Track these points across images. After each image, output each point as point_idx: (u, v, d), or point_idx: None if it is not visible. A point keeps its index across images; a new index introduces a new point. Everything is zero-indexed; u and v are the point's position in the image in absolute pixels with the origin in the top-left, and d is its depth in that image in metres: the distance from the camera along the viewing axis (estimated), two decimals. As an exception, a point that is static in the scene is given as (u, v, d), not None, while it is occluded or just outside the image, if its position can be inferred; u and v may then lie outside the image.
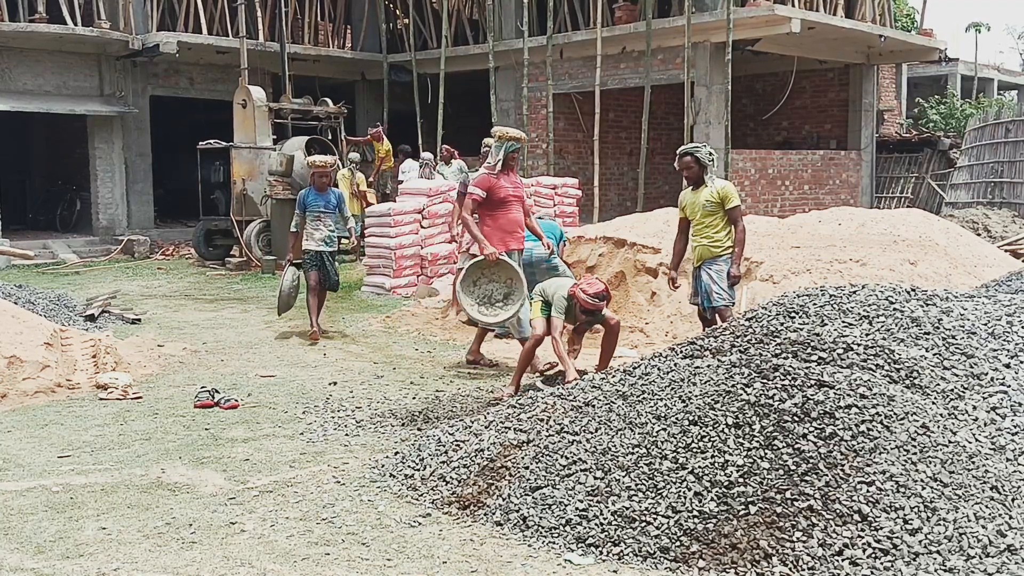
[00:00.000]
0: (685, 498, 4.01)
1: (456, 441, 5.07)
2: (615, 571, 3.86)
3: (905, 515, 3.74)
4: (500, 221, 7.79)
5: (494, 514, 4.38)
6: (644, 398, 4.70)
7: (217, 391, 6.91)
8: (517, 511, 4.32)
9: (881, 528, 3.70)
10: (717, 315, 7.18)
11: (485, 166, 8.01)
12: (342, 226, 9.68)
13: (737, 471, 4.02)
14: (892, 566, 3.59)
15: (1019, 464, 4.21)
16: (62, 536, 4.34)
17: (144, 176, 19.27)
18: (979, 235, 13.98)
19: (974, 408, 4.54)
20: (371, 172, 16.51)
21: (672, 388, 4.69)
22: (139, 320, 10.36)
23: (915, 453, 4.01)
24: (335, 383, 7.46)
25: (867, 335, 5.12)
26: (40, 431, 6.10)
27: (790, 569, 3.65)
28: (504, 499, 4.43)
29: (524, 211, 8.04)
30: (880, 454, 3.98)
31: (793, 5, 16.29)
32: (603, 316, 6.99)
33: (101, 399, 6.92)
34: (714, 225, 7.14)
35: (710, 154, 7.21)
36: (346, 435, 5.98)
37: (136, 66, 18.76)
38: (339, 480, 5.04)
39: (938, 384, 4.68)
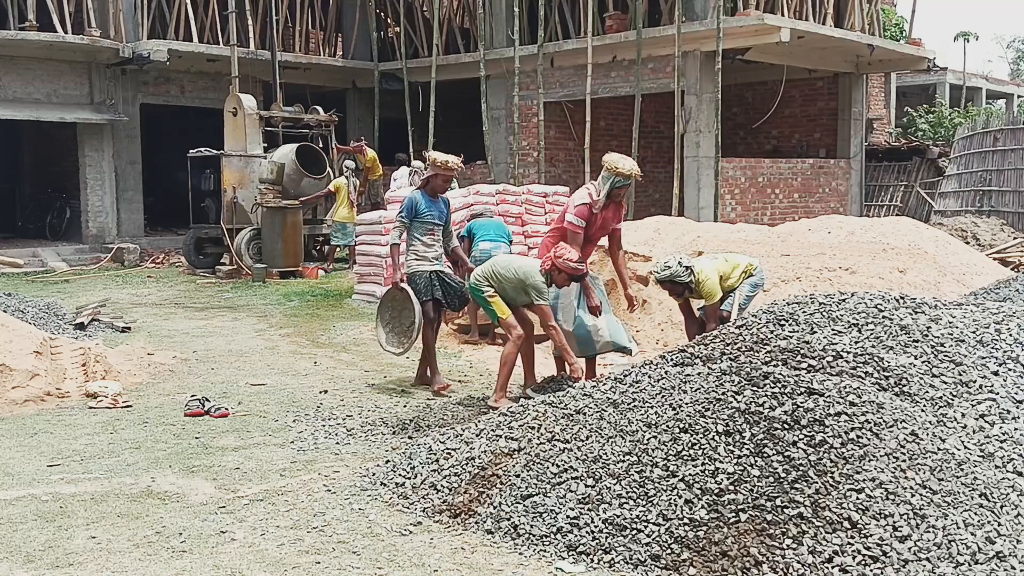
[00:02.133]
0: (676, 505, 4.01)
1: (447, 449, 5.07)
2: (606, 579, 3.87)
3: (895, 522, 3.76)
4: None
5: (485, 522, 4.38)
6: (635, 406, 4.72)
7: (207, 399, 6.89)
8: (508, 519, 4.32)
9: (871, 535, 3.72)
10: (705, 316, 7.25)
11: (591, 194, 7.12)
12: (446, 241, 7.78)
13: (727, 478, 4.03)
14: (882, 573, 3.60)
15: (1008, 471, 4.23)
16: (52, 545, 4.32)
17: (134, 184, 19.22)
18: (968, 243, 14.04)
19: (963, 415, 4.56)
20: (361, 180, 16.58)
21: (663, 396, 4.70)
22: (129, 328, 10.33)
23: (904, 460, 4.02)
24: (326, 391, 7.45)
25: (856, 343, 5.15)
26: (29, 440, 6.08)
27: (780, 576, 3.66)
28: (495, 507, 4.43)
29: (614, 243, 7.45)
30: (870, 461, 3.99)
31: (783, 14, 16.37)
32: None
33: (91, 408, 6.90)
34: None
35: (686, 269, 7.01)
36: (337, 443, 5.97)
37: (126, 74, 18.74)
38: (330, 488, 5.03)
39: (927, 392, 4.71)
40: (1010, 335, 5.10)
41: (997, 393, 4.67)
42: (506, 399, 6.69)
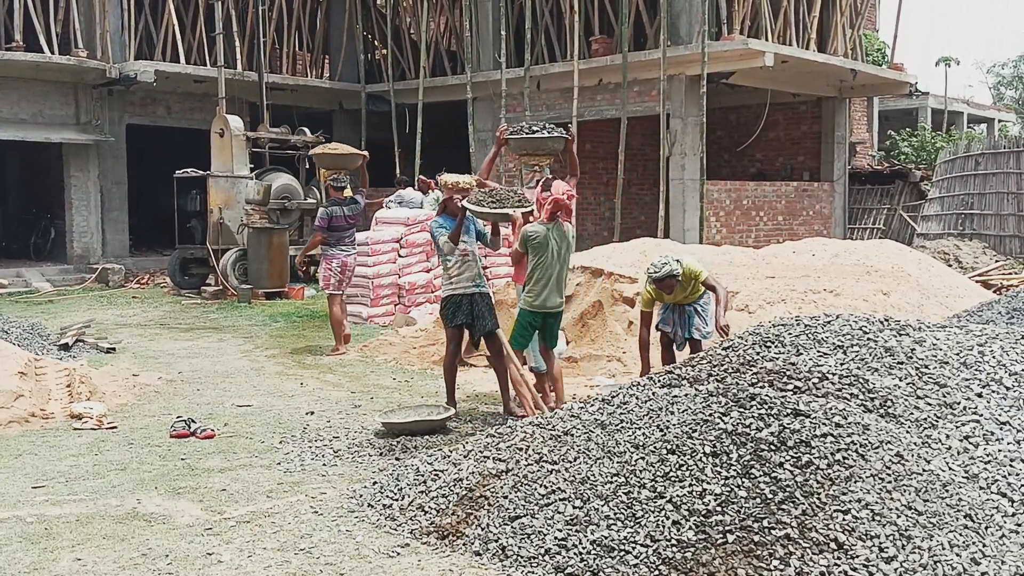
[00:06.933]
0: (663, 527, 4.02)
1: (435, 471, 5.06)
2: (594, 600, 3.87)
3: (881, 543, 3.78)
4: None
5: (473, 544, 4.38)
6: (623, 427, 4.73)
7: (193, 420, 6.86)
8: (496, 541, 4.32)
9: (857, 556, 3.74)
10: (689, 346, 7.26)
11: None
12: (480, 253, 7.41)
13: (715, 500, 4.04)
14: (868, 594, 3.62)
15: (992, 492, 4.26)
16: (37, 567, 4.29)
17: (119, 204, 19.18)
18: (950, 266, 14.16)
19: (947, 437, 4.59)
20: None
21: (650, 417, 4.72)
22: (114, 349, 10.28)
23: (890, 481, 4.05)
24: (312, 413, 7.43)
25: (842, 364, 5.18)
26: (14, 461, 6.04)
27: (768, 597, 3.67)
28: (483, 529, 4.43)
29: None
30: (855, 482, 4.02)
31: (766, 39, 16.54)
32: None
33: (75, 429, 6.86)
34: (694, 296, 7.24)
35: (677, 262, 7.06)
36: (324, 465, 5.96)
37: (113, 94, 18.72)
38: (317, 510, 5.02)
39: (912, 413, 4.74)
40: (993, 357, 5.15)
41: (981, 415, 4.71)
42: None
